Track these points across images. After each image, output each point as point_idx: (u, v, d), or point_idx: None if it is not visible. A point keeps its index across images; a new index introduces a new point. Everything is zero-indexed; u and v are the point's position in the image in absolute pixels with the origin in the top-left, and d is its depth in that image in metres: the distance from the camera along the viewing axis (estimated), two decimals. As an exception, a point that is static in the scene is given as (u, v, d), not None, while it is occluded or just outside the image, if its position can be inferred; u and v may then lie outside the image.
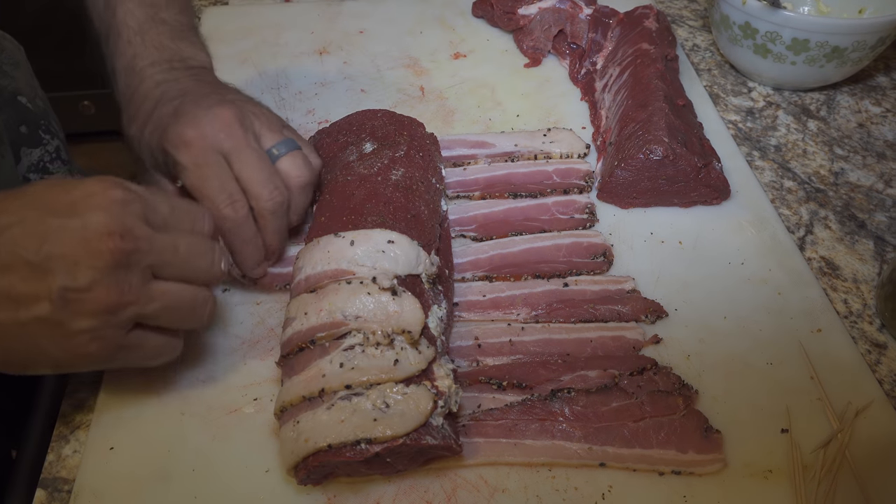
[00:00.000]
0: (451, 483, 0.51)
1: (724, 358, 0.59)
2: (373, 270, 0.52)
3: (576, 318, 0.61)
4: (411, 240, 0.55)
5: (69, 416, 0.56)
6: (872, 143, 0.81)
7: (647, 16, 0.84)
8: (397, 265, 0.53)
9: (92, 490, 0.51)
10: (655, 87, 0.74)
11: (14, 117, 0.73)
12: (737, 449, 0.53)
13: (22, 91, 0.76)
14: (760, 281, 0.65)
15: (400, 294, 0.51)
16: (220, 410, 0.55)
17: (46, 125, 0.77)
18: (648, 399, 0.55)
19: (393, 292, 0.51)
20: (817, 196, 0.75)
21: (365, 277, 0.52)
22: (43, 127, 0.77)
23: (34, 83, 0.81)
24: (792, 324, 0.61)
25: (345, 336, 0.50)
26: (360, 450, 0.46)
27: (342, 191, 0.60)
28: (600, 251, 0.66)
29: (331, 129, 0.69)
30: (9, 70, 0.78)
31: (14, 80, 0.77)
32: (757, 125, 0.84)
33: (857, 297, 0.65)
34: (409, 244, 0.54)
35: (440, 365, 0.50)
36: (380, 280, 0.51)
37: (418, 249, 0.54)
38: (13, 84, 0.77)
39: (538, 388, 0.56)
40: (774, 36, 0.81)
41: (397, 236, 0.54)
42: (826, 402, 0.56)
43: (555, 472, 0.52)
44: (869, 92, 0.89)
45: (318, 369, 0.49)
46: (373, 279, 0.51)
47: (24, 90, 0.77)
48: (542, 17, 0.90)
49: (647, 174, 0.69)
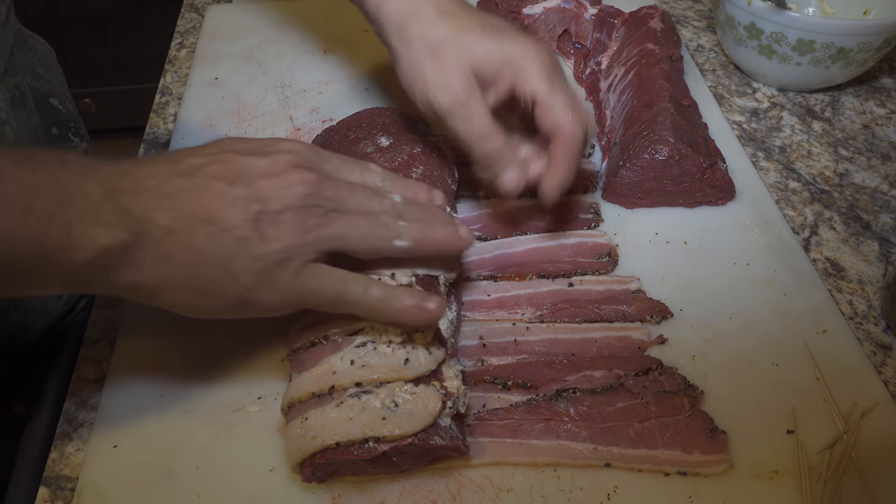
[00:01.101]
0: (456, 483, 0.51)
1: (729, 358, 0.59)
2: (392, 267, 0.52)
3: (581, 318, 0.61)
4: None
5: (72, 414, 0.56)
6: (877, 145, 0.81)
7: (652, 16, 0.84)
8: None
9: (95, 488, 0.51)
10: (660, 87, 0.74)
11: (46, 119, 0.74)
12: (742, 450, 0.53)
13: (54, 93, 0.77)
14: (766, 282, 0.65)
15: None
16: (224, 408, 0.55)
17: (76, 128, 0.77)
18: (654, 399, 0.55)
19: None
20: (822, 197, 0.75)
21: (384, 273, 0.51)
22: (73, 129, 0.77)
23: (65, 86, 0.81)
24: (797, 325, 0.61)
25: (358, 333, 0.50)
26: (367, 448, 0.46)
27: None
28: (605, 251, 0.66)
29: (339, 126, 0.68)
30: (42, 72, 0.79)
31: (47, 83, 0.78)
32: (762, 126, 0.84)
33: (863, 298, 0.65)
34: None
35: (449, 366, 0.50)
36: (398, 277, 0.51)
37: None
38: (46, 86, 0.77)
39: (543, 387, 0.56)
40: (780, 37, 0.81)
41: None
42: (832, 403, 0.56)
43: (560, 472, 0.52)
44: (874, 93, 0.89)
45: (329, 366, 0.49)
46: (391, 275, 0.51)
47: (56, 92, 0.77)
48: (546, 17, 0.90)
49: (652, 174, 0.68)
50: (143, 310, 0.61)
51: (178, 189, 0.44)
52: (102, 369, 0.59)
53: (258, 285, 0.45)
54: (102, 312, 0.63)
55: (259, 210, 0.44)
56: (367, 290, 0.47)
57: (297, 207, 0.45)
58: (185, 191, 0.44)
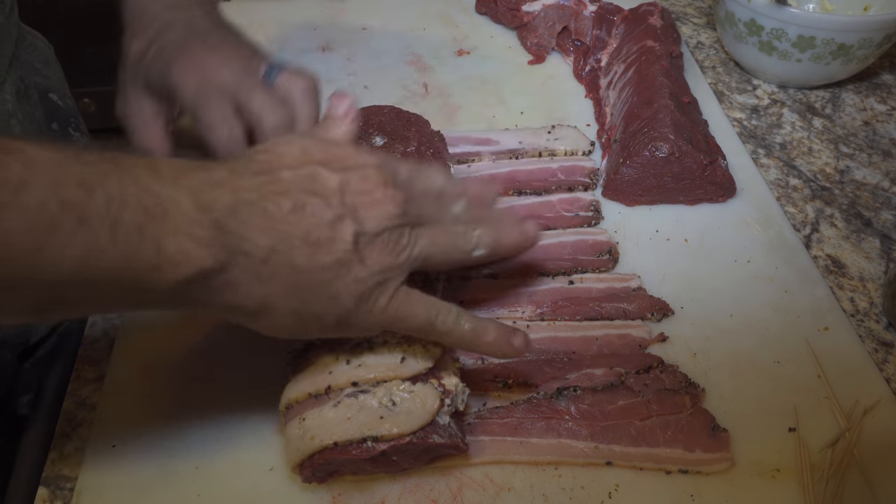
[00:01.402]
0: (457, 482, 0.51)
1: (730, 356, 0.59)
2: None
3: (581, 316, 0.61)
4: None
5: (71, 414, 0.56)
6: (878, 141, 0.81)
7: (652, 13, 0.84)
8: None
9: (94, 488, 0.50)
10: (661, 84, 0.74)
11: (46, 114, 0.74)
12: (744, 448, 0.53)
13: (53, 89, 0.77)
14: (767, 279, 0.64)
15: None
16: (223, 408, 0.55)
17: (76, 123, 0.77)
18: (655, 397, 0.54)
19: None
20: (823, 194, 0.75)
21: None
22: (73, 125, 0.77)
23: (64, 82, 0.81)
24: (799, 322, 0.61)
25: None
26: (366, 448, 0.45)
27: None
28: (605, 249, 0.65)
29: None
30: (41, 68, 0.78)
31: (46, 79, 0.77)
32: (762, 123, 0.83)
33: (864, 295, 0.65)
34: None
35: (447, 363, 0.50)
36: None
37: None
38: (45, 82, 0.77)
39: (544, 386, 0.56)
40: (780, 33, 0.81)
41: None
42: (833, 400, 0.56)
43: (561, 470, 0.52)
44: (874, 90, 0.89)
45: (325, 366, 0.49)
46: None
47: (55, 88, 0.77)
48: (546, 14, 0.90)
49: (652, 171, 0.68)
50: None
51: (276, 207, 0.42)
52: (101, 369, 0.58)
53: (357, 307, 0.45)
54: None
55: (357, 231, 0.43)
56: (458, 321, 0.47)
57: (390, 229, 0.45)
58: (282, 208, 0.42)
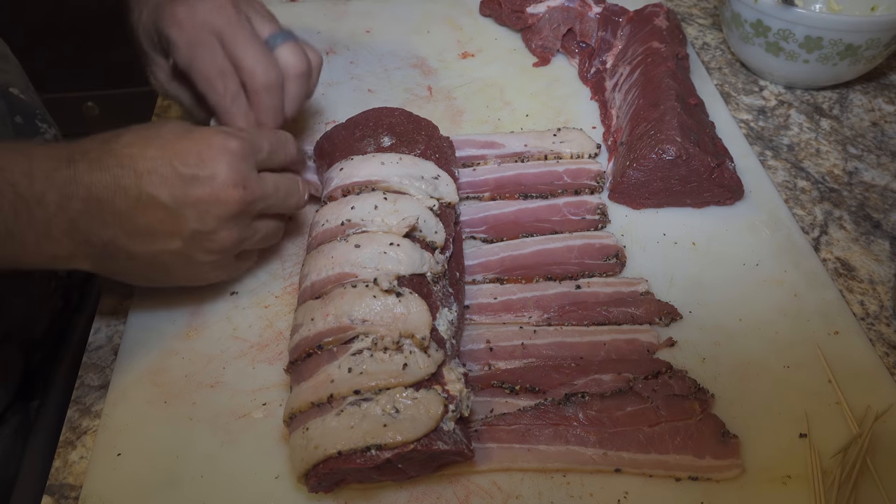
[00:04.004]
0: (464, 489, 0.50)
1: (740, 361, 0.58)
2: (375, 272, 0.51)
3: (589, 321, 0.60)
4: (413, 242, 0.54)
5: (76, 422, 0.55)
6: (886, 142, 0.80)
7: (657, 14, 0.83)
8: (400, 265, 0.52)
9: (99, 496, 0.50)
10: (667, 85, 0.73)
11: (7, 108, 0.73)
12: (754, 454, 0.52)
13: (13, 83, 0.77)
14: (776, 282, 0.64)
15: (405, 295, 0.50)
16: (228, 415, 0.54)
17: (42, 115, 0.77)
18: (664, 403, 0.54)
19: (397, 294, 0.50)
20: (831, 196, 0.74)
21: (367, 279, 0.51)
22: (39, 116, 0.77)
23: (24, 76, 0.81)
24: (808, 326, 0.60)
25: (352, 340, 0.49)
26: (370, 456, 0.45)
27: None
28: (612, 252, 0.65)
29: (347, 123, 0.67)
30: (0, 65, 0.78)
31: (4, 73, 0.77)
32: (769, 124, 0.83)
33: (874, 298, 0.64)
34: (412, 245, 0.53)
35: (450, 368, 0.50)
36: (380, 281, 0.50)
37: (421, 250, 0.54)
38: (3, 76, 0.76)
39: (551, 392, 0.55)
40: (787, 34, 0.80)
41: (399, 238, 0.53)
42: (844, 405, 0.55)
43: (569, 477, 0.51)
44: (882, 90, 0.88)
45: (327, 375, 0.48)
46: (374, 280, 0.51)
47: (15, 82, 0.77)
48: (550, 16, 0.89)
49: (659, 174, 0.68)
50: (147, 316, 0.61)
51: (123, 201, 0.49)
52: (106, 376, 0.58)
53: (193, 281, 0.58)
54: (105, 319, 0.63)
55: (194, 230, 0.51)
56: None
57: (229, 226, 0.53)
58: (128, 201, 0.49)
